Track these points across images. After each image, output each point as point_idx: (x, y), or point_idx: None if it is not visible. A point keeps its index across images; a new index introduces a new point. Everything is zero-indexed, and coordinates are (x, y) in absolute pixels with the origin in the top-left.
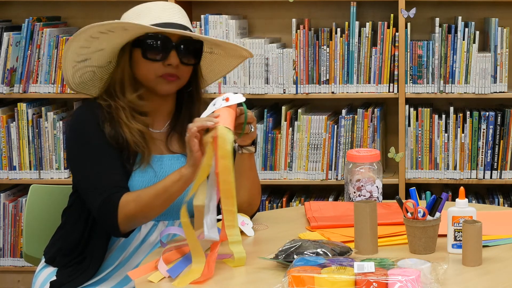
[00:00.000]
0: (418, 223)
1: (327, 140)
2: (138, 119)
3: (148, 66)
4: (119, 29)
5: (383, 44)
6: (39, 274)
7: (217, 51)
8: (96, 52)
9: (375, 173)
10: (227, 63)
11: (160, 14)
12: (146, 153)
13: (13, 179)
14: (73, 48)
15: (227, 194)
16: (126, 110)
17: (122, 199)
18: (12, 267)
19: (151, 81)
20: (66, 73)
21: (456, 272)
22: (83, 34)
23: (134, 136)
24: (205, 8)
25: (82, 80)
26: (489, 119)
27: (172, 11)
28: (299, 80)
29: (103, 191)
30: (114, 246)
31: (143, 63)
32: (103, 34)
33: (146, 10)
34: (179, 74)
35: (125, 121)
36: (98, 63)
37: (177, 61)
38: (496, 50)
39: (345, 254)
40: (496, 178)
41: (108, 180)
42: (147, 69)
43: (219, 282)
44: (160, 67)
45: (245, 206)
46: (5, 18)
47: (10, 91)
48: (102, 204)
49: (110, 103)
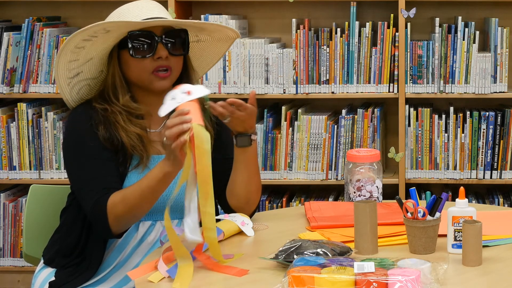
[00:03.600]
0: (418, 223)
1: (327, 140)
2: (135, 122)
3: (138, 64)
4: (101, 31)
5: (383, 44)
6: (38, 275)
7: (204, 38)
8: (86, 64)
9: (375, 173)
10: (216, 49)
11: (139, 12)
12: (145, 156)
13: (13, 179)
14: (62, 64)
15: (205, 195)
16: (123, 114)
17: (109, 201)
18: (12, 267)
19: (145, 79)
20: (63, 92)
21: (456, 272)
22: (68, 46)
23: (131, 139)
24: (205, 8)
25: (80, 96)
26: (489, 119)
27: (151, 6)
28: (299, 80)
29: (94, 194)
30: (112, 247)
31: (133, 63)
32: (87, 42)
33: (125, 10)
34: (171, 66)
35: (122, 124)
36: (90, 75)
37: (166, 53)
38: (496, 50)
39: (345, 254)
40: (496, 178)
41: (99, 183)
42: (138, 68)
43: (219, 282)
44: (150, 62)
45: (242, 202)
46: (5, 18)
47: (10, 91)
48: (92, 207)
49: (106, 107)
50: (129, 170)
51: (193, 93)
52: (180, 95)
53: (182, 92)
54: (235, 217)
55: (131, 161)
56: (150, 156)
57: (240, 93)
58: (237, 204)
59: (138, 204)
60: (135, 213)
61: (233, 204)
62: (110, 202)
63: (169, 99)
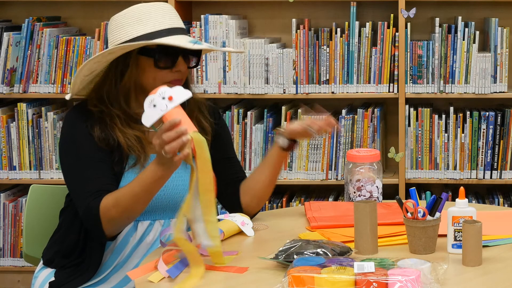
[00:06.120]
0: (418, 223)
1: (327, 140)
2: (134, 126)
3: (158, 73)
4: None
5: (383, 44)
6: (38, 275)
7: None
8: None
9: (375, 173)
10: None
11: (161, 19)
12: (143, 157)
13: (13, 179)
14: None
15: (207, 203)
16: (121, 118)
17: (101, 204)
18: (12, 267)
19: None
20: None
21: (456, 272)
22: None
23: (129, 140)
24: (205, 8)
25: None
26: (489, 119)
27: (171, 14)
28: (299, 80)
29: (87, 197)
30: (112, 247)
31: (152, 71)
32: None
33: (146, 15)
34: (183, 78)
35: (120, 127)
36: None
37: (185, 67)
38: (496, 50)
39: (345, 254)
40: (496, 178)
41: (92, 185)
42: (156, 77)
43: (219, 282)
44: (169, 73)
45: (255, 202)
46: (5, 18)
47: (10, 91)
48: (85, 211)
49: (102, 109)
50: (125, 169)
51: (175, 98)
52: (162, 102)
53: (162, 97)
54: (235, 217)
55: (127, 161)
56: (148, 155)
57: (240, 93)
58: (249, 202)
59: (131, 207)
60: (128, 216)
61: (245, 201)
62: (103, 206)
63: (149, 105)
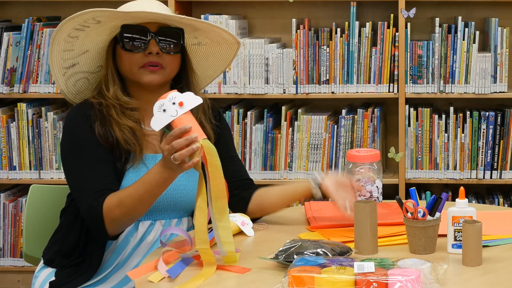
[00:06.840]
0: (418, 223)
1: (327, 140)
2: (129, 114)
3: (130, 57)
4: (91, 21)
5: (383, 44)
6: (39, 275)
7: (204, 41)
8: (82, 56)
9: (375, 173)
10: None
11: (137, 7)
12: (138, 150)
13: (13, 179)
14: (56, 52)
15: (220, 210)
16: (116, 108)
17: (105, 204)
18: (12, 267)
19: (135, 73)
20: (57, 81)
21: (456, 272)
22: (60, 34)
23: (124, 134)
24: (205, 8)
25: (77, 88)
26: (489, 119)
27: (152, 4)
28: (299, 80)
29: (89, 196)
30: (112, 247)
31: (125, 56)
32: (79, 32)
33: (125, 6)
34: (162, 63)
35: (115, 117)
36: (87, 68)
37: (157, 49)
38: (496, 50)
39: (345, 254)
40: (496, 178)
41: (94, 184)
42: (129, 61)
43: (219, 282)
44: (141, 57)
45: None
46: (5, 18)
47: (10, 91)
48: (88, 210)
49: (101, 101)
50: (126, 167)
51: (186, 104)
52: (172, 107)
53: (172, 103)
54: (235, 217)
55: (128, 158)
56: (143, 150)
57: (240, 93)
58: (254, 211)
59: (135, 208)
60: (131, 216)
61: (251, 209)
62: (106, 206)
63: (159, 109)
